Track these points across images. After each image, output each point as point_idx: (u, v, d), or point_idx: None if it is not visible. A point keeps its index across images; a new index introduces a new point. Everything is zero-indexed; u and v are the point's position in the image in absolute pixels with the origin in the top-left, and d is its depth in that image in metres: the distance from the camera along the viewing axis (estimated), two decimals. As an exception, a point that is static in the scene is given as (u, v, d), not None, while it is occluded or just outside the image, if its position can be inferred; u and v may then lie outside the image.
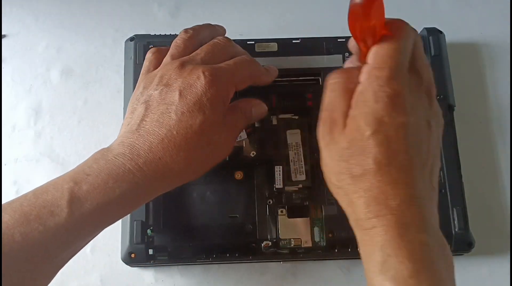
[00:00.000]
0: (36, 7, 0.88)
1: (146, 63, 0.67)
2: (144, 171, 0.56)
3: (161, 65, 0.65)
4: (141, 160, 0.56)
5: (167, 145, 0.57)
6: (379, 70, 0.50)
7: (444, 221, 0.70)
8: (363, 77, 0.51)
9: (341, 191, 0.52)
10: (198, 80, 0.59)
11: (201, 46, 0.66)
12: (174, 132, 0.57)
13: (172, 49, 0.66)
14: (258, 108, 0.68)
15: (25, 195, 0.55)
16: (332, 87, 0.53)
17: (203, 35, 0.68)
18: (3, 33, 0.86)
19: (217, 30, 0.71)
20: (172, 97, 0.59)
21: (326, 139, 0.52)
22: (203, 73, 0.60)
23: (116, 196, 0.55)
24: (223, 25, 0.78)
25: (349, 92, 0.51)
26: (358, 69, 0.52)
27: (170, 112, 0.58)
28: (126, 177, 0.55)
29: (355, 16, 0.50)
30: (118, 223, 0.72)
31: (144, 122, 0.59)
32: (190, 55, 0.64)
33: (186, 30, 0.68)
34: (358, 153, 0.49)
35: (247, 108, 0.66)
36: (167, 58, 0.65)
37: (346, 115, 0.51)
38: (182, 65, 0.61)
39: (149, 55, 0.67)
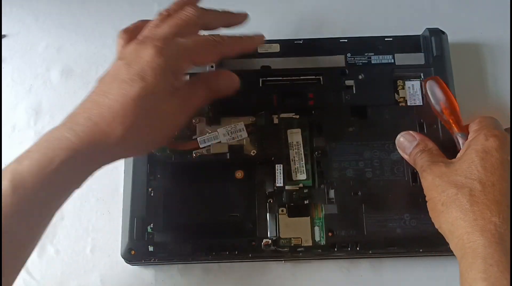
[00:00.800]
0: (36, 7, 0.89)
1: (117, 46, 0.69)
2: (81, 137, 0.56)
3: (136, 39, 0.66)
4: (79, 127, 0.57)
5: (104, 111, 0.57)
6: (485, 128, 0.66)
7: (445, 221, 0.70)
8: (473, 134, 0.67)
9: (445, 210, 0.63)
10: (146, 50, 0.60)
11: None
12: (112, 99, 0.58)
13: (146, 28, 0.67)
14: (227, 79, 0.69)
15: None
16: (422, 155, 0.70)
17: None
18: (3, 33, 0.87)
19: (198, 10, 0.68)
20: (120, 69, 0.60)
21: (429, 178, 0.66)
22: (153, 44, 0.60)
23: (56, 166, 0.55)
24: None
25: (437, 154, 0.69)
26: (423, 139, 0.71)
27: (113, 82, 0.59)
28: (63, 145, 0.56)
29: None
30: (119, 221, 0.74)
31: (91, 94, 0.60)
32: (149, 27, 0.66)
33: (160, 12, 0.68)
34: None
35: (211, 79, 0.68)
36: (141, 34, 0.66)
37: (446, 162, 0.67)
38: (142, 41, 0.62)
39: (119, 35, 0.69)
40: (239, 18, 0.72)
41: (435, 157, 0.67)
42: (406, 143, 0.71)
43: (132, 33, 0.67)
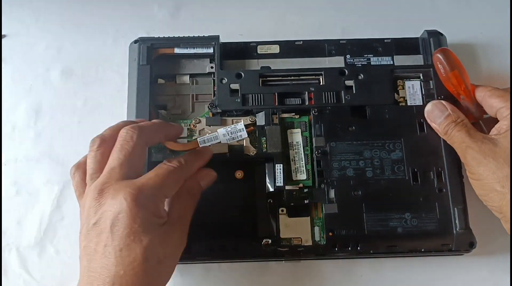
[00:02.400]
0: (36, 7, 0.90)
1: (74, 186, 0.66)
2: None
3: (85, 192, 0.63)
4: None
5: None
6: None
7: (445, 221, 0.72)
8: (506, 112, 0.68)
9: (507, 193, 0.63)
10: (123, 207, 0.58)
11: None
12: (121, 272, 0.57)
13: (87, 167, 0.64)
14: (206, 179, 0.70)
15: None
16: (456, 127, 0.70)
17: (114, 138, 0.65)
18: (3, 33, 0.87)
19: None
20: (105, 234, 0.58)
21: (479, 158, 0.66)
22: (124, 198, 0.58)
23: None
24: (223, 26, 0.81)
25: (470, 126, 0.70)
26: (454, 110, 0.72)
27: (109, 252, 0.57)
28: None
29: None
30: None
31: (90, 268, 0.58)
32: (105, 170, 0.62)
33: (92, 140, 0.65)
34: None
35: (194, 188, 0.68)
36: (88, 181, 0.63)
37: (485, 137, 0.68)
38: (101, 191, 0.60)
39: (72, 176, 0.67)
40: (177, 129, 0.73)
41: (473, 131, 0.69)
42: (437, 112, 0.73)
43: (83, 167, 0.66)
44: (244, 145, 0.75)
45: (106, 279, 0.56)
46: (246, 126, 0.76)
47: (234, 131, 0.75)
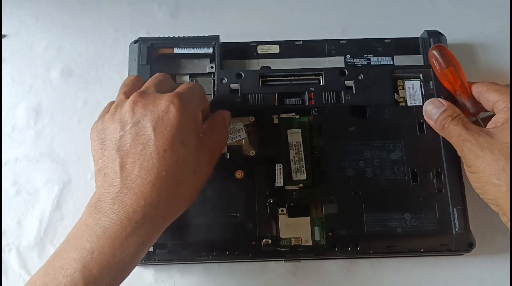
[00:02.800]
0: (36, 7, 0.90)
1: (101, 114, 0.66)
2: (145, 227, 0.56)
3: (114, 104, 0.63)
4: (139, 216, 0.56)
5: (159, 190, 0.57)
6: None
7: (445, 221, 0.72)
8: (503, 104, 0.69)
9: (503, 185, 0.64)
10: (169, 110, 0.59)
11: None
12: (163, 174, 0.57)
13: (121, 89, 0.66)
14: (228, 117, 0.72)
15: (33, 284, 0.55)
16: (453, 122, 0.71)
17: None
18: (3, 33, 0.88)
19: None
20: (147, 136, 0.58)
21: (476, 150, 0.67)
22: (171, 101, 0.60)
23: (127, 262, 0.56)
24: (223, 26, 0.82)
25: (466, 120, 0.71)
26: (450, 106, 0.73)
27: (151, 153, 0.58)
28: (130, 242, 0.55)
29: None
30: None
31: (125, 172, 0.58)
32: (143, 86, 0.64)
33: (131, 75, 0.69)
34: None
35: (222, 118, 0.70)
36: (120, 97, 0.64)
37: (482, 130, 0.69)
38: (141, 96, 0.61)
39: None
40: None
41: (469, 125, 0.70)
42: (433, 108, 0.73)
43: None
44: (243, 145, 0.76)
45: (145, 181, 0.57)
46: (246, 126, 0.76)
47: (233, 131, 0.76)
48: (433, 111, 0.73)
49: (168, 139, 0.58)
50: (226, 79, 0.78)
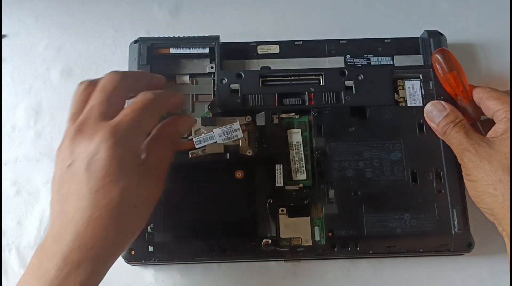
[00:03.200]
0: (36, 7, 0.90)
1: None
2: (82, 267, 0.56)
3: (64, 132, 0.62)
4: (75, 257, 0.56)
5: (93, 231, 0.56)
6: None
7: (444, 221, 0.73)
8: (503, 114, 0.69)
9: (499, 196, 0.65)
10: (101, 147, 0.57)
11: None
12: (96, 214, 0.56)
13: (70, 111, 0.63)
14: (185, 125, 0.70)
15: None
16: (455, 128, 0.71)
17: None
18: (3, 33, 0.88)
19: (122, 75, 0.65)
20: (80, 176, 0.57)
21: (475, 160, 0.68)
22: (105, 139, 0.57)
23: None
24: (223, 26, 0.83)
25: (469, 127, 0.71)
26: (453, 111, 0.73)
27: (84, 194, 0.57)
28: (69, 283, 0.55)
29: None
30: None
31: (64, 212, 0.58)
32: (85, 109, 0.61)
33: (79, 83, 0.64)
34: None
35: (171, 133, 0.68)
36: (69, 122, 0.62)
37: (483, 139, 0.69)
38: (79, 130, 0.59)
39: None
40: (159, 80, 0.72)
41: (471, 133, 0.70)
42: (436, 112, 0.74)
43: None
44: (240, 145, 0.76)
45: (79, 222, 0.56)
46: (242, 126, 0.76)
47: (230, 131, 0.76)
48: (436, 115, 0.74)
49: (99, 180, 0.56)
50: (226, 79, 0.78)
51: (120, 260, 0.72)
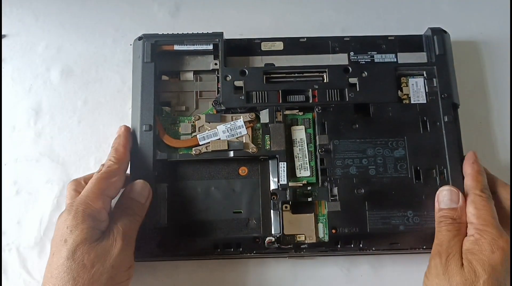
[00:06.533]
0: (36, 7, 0.93)
1: None
2: None
3: None
4: None
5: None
6: (488, 228, 0.69)
7: (448, 218, 0.76)
8: (473, 231, 0.70)
9: None
10: (62, 215, 0.69)
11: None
12: (49, 275, 0.67)
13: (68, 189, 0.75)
14: (136, 190, 0.75)
15: None
16: (449, 227, 0.72)
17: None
18: (3, 33, 0.91)
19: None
20: (54, 244, 0.69)
21: (440, 270, 0.68)
22: (66, 208, 0.70)
23: None
24: (223, 25, 0.85)
25: (461, 234, 0.71)
26: (462, 209, 0.73)
27: (51, 258, 0.68)
28: None
29: None
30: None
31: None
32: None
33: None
34: None
35: (129, 206, 0.74)
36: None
37: (461, 255, 0.69)
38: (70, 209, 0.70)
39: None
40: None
41: (457, 241, 0.70)
42: (447, 199, 0.74)
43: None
44: (244, 142, 0.78)
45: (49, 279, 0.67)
46: (246, 123, 0.79)
47: (234, 128, 0.79)
48: (445, 201, 0.74)
49: (56, 242, 0.68)
50: (230, 76, 0.80)
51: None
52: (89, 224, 0.68)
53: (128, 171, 0.76)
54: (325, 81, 0.81)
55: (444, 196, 0.74)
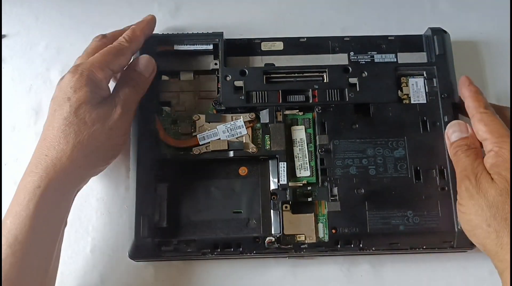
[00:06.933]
0: (36, 7, 0.94)
1: None
2: (38, 172, 0.68)
3: None
4: (33, 165, 0.69)
5: (49, 141, 0.70)
6: (504, 138, 0.70)
7: (447, 218, 0.76)
8: (491, 146, 0.70)
9: (492, 232, 0.66)
10: (65, 76, 0.73)
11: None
12: (50, 128, 0.70)
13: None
14: (142, 63, 0.79)
15: None
16: (466, 152, 0.73)
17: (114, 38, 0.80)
18: (3, 33, 0.91)
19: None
20: (52, 101, 0.73)
21: (473, 190, 0.69)
22: (71, 70, 0.73)
23: (31, 209, 0.66)
24: (223, 25, 0.86)
25: (480, 157, 0.72)
26: (472, 137, 0.74)
27: (51, 114, 0.72)
28: (28, 187, 0.67)
29: None
30: (119, 221, 0.80)
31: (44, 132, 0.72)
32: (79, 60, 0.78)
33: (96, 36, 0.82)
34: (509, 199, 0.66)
35: (134, 77, 0.78)
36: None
37: (487, 172, 0.69)
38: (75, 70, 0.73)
39: None
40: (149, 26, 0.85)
41: (479, 162, 0.71)
42: (457, 131, 0.75)
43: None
44: (244, 142, 0.79)
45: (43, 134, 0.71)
46: (246, 123, 0.80)
47: (234, 128, 0.79)
48: (455, 134, 0.76)
49: (57, 99, 0.72)
50: (230, 76, 0.81)
51: (120, 261, 0.77)
52: (92, 88, 0.72)
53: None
54: (325, 81, 0.82)
55: (453, 130, 0.76)
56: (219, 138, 0.79)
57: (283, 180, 0.77)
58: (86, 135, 0.70)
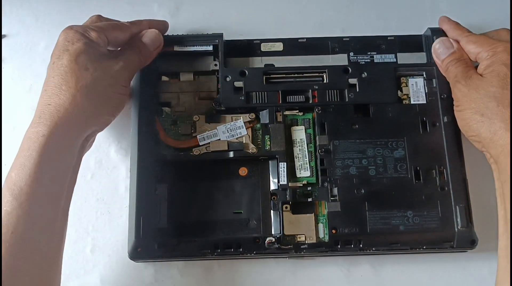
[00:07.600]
0: (36, 7, 0.94)
1: None
2: (42, 121, 0.68)
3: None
4: (38, 113, 0.70)
5: (50, 91, 0.70)
6: (495, 44, 0.76)
7: (447, 219, 0.76)
8: (485, 54, 0.76)
9: (486, 121, 0.72)
10: (60, 35, 0.74)
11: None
12: (51, 78, 0.71)
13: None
14: (151, 37, 0.81)
15: None
16: (457, 64, 0.78)
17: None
18: (3, 33, 0.92)
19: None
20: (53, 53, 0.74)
21: (464, 89, 0.75)
22: (65, 29, 0.74)
23: (35, 157, 0.66)
24: (223, 26, 0.87)
25: (471, 67, 0.77)
26: (460, 49, 0.80)
27: (52, 64, 0.72)
28: (33, 136, 0.67)
29: None
30: (119, 221, 0.81)
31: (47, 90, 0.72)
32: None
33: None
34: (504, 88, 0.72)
35: (137, 40, 0.80)
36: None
37: (479, 74, 0.75)
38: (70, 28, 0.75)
39: None
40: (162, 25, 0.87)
41: (469, 69, 0.77)
42: (443, 48, 0.80)
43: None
44: (244, 142, 0.80)
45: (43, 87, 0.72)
46: (246, 123, 0.80)
47: (234, 128, 0.80)
48: (442, 51, 0.80)
49: (57, 50, 0.73)
50: (230, 77, 0.81)
51: (120, 261, 0.78)
52: (88, 42, 0.73)
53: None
54: (325, 81, 0.82)
55: (439, 49, 0.80)
56: (219, 139, 0.79)
57: (283, 181, 0.77)
58: (89, 79, 0.70)
